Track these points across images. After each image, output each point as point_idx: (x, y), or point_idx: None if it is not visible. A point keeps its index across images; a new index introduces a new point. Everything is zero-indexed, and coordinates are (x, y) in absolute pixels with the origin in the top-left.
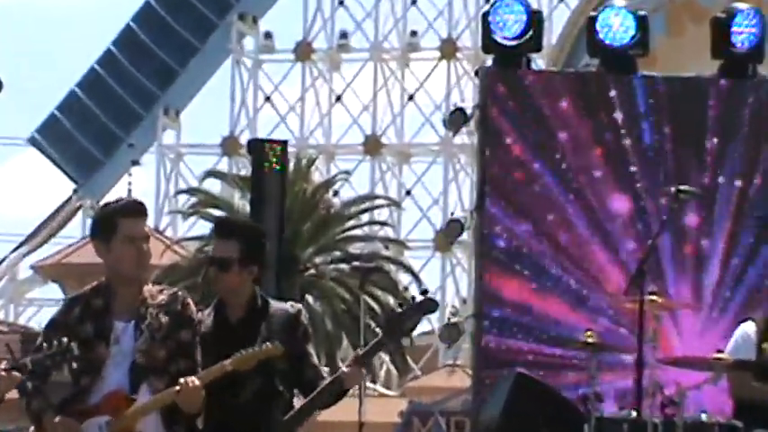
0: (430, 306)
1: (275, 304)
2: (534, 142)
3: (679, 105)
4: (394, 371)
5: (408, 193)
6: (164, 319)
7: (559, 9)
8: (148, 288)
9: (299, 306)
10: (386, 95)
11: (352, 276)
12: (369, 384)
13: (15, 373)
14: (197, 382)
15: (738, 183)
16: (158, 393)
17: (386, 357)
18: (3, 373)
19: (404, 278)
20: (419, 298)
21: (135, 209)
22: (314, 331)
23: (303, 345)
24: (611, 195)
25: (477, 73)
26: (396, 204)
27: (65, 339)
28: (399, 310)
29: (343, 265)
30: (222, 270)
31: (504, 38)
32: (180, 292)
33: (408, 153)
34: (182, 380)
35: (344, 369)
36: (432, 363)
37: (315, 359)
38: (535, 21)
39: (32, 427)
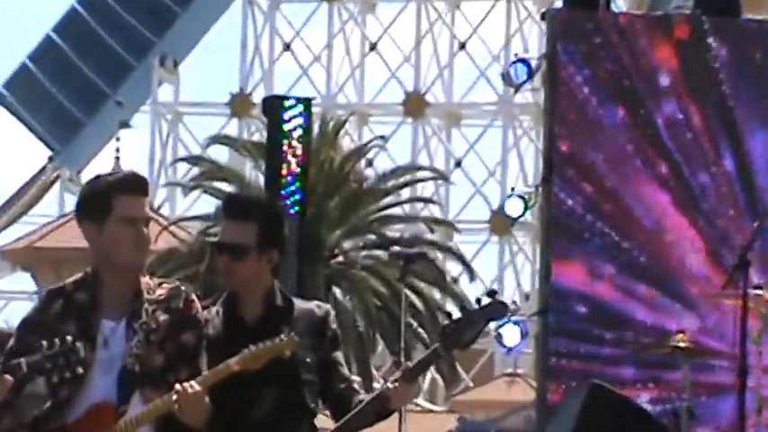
0: (498, 311)
1: (299, 304)
2: (613, 99)
3: None
4: (440, 381)
5: (458, 164)
6: (162, 317)
7: None
8: (145, 280)
9: (327, 307)
10: (431, 44)
11: (389, 265)
12: None
13: (7, 377)
14: (198, 388)
15: None
16: (153, 404)
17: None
18: None
19: (453, 268)
20: (485, 300)
21: (135, 184)
22: (343, 332)
23: (331, 352)
24: (706, 160)
25: (544, 16)
26: (443, 177)
27: (69, 338)
28: (460, 315)
29: (379, 252)
30: (236, 258)
31: None
32: (183, 287)
33: (458, 114)
34: (178, 386)
35: (390, 385)
36: (487, 371)
37: (346, 370)
38: None
39: None
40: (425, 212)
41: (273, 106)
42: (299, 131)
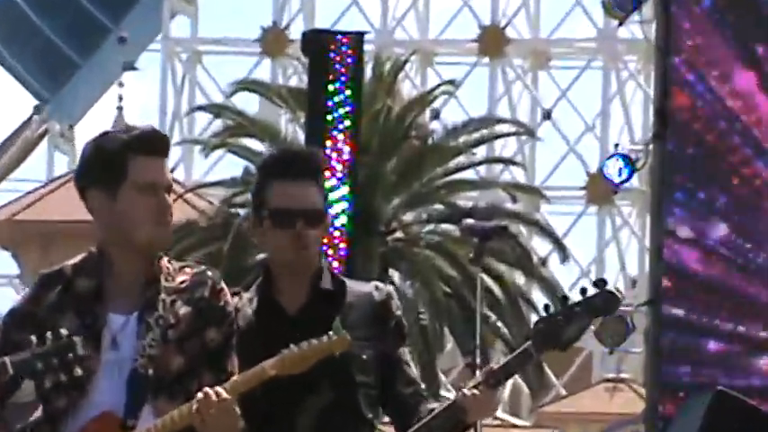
0: (609, 305)
1: (353, 287)
2: (740, 34)
3: None
4: (525, 388)
5: (547, 115)
6: (183, 310)
7: None
8: (163, 263)
9: (390, 289)
10: None
11: (460, 243)
12: None
13: None
14: (225, 396)
15: None
16: (167, 414)
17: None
18: None
19: (540, 245)
20: (591, 291)
21: (155, 143)
22: None
23: (396, 347)
24: None
25: None
26: (528, 133)
27: (63, 331)
28: (559, 308)
29: (447, 226)
30: (312, 226)
31: None
32: (210, 272)
33: (547, 53)
34: (202, 392)
35: (467, 391)
36: (583, 376)
37: (413, 370)
38: None
39: None
40: (506, 176)
41: (316, 43)
42: (348, 75)
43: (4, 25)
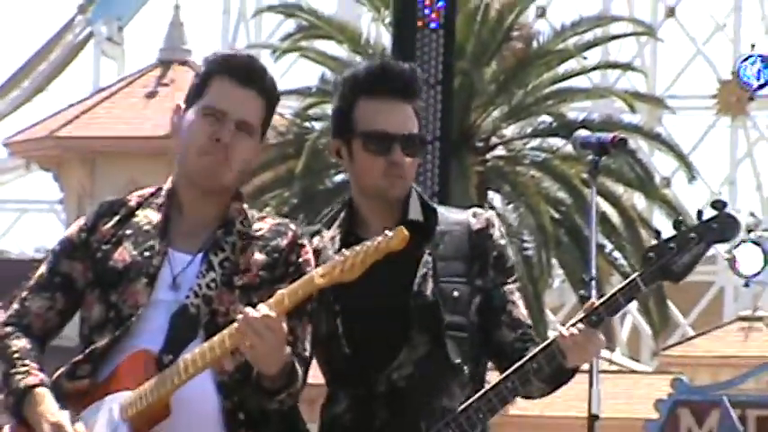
0: (728, 230)
1: (447, 214)
2: None
3: None
4: (646, 328)
5: (672, 12)
6: (257, 257)
7: None
8: (240, 207)
9: (490, 214)
10: None
11: (571, 160)
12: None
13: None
14: (271, 312)
15: None
16: (209, 341)
17: (631, 306)
18: None
19: (663, 162)
20: (708, 213)
21: (241, 67)
22: None
23: (501, 282)
24: None
25: None
26: (649, 33)
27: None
28: (671, 235)
29: (556, 140)
30: (410, 152)
31: None
32: (293, 225)
33: None
34: (241, 311)
35: (565, 332)
36: (713, 314)
37: (522, 311)
38: None
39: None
40: (623, 84)
41: None
42: None
43: None
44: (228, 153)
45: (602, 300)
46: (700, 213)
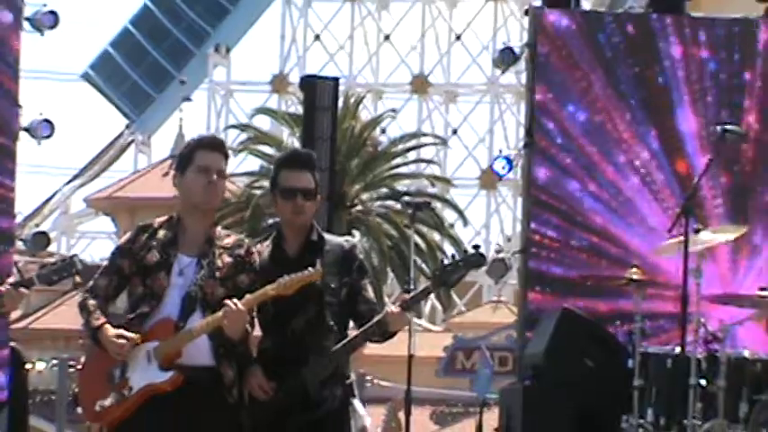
0: (479, 261)
1: (331, 239)
2: (582, 82)
3: (723, 44)
4: (439, 307)
5: (455, 131)
6: (227, 260)
7: None
8: (217, 229)
9: (355, 240)
10: (434, 35)
11: (398, 213)
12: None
13: (23, 289)
14: (241, 307)
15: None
16: (206, 318)
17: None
18: (9, 287)
19: (449, 215)
20: (470, 251)
21: (211, 142)
22: None
23: (358, 279)
24: (652, 133)
25: (527, 12)
26: (442, 142)
27: (68, 254)
28: (448, 261)
29: (390, 202)
30: (307, 198)
31: None
32: (247, 240)
33: (455, 92)
34: (226, 303)
35: (389, 310)
36: (476, 299)
37: (370, 293)
38: None
39: (87, 352)
40: (428, 171)
41: (310, 84)
42: (331, 104)
43: (106, 71)
44: (216, 187)
45: (409, 296)
46: (465, 251)
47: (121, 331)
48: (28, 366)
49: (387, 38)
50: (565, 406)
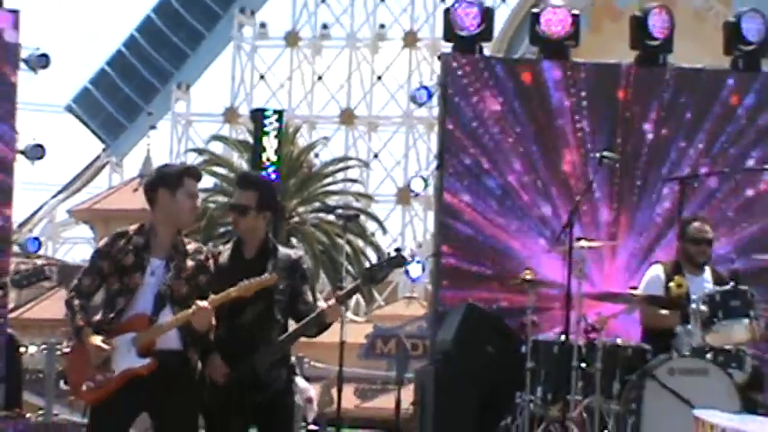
0: (401, 262)
1: (282, 249)
2: (485, 116)
3: (593, 86)
4: (362, 301)
5: (376, 156)
6: (190, 263)
7: (501, 7)
8: (181, 237)
9: (302, 253)
10: (359, 76)
11: (328, 223)
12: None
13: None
14: (207, 306)
15: (645, 149)
16: (176, 315)
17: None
18: None
19: (371, 225)
20: (393, 254)
21: (196, 172)
22: None
23: (300, 284)
24: (543, 163)
25: (440, 57)
26: (365, 165)
27: (39, 262)
28: (375, 263)
29: (322, 214)
30: (241, 215)
31: (462, 29)
32: (205, 247)
33: (376, 123)
34: (195, 304)
35: (326, 305)
36: (393, 295)
37: (309, 296)
38: (487, 16)
39: (70, 342)
40: (353, 188)
41: (259, 115)
42: (275, 132)
43: (86, 104)
44: (196, 210)
45: (342, 292)
46: (389, 254)
47: (99, 342)
48: (21, 350)
49: (320, 78)
50: (469, 384)
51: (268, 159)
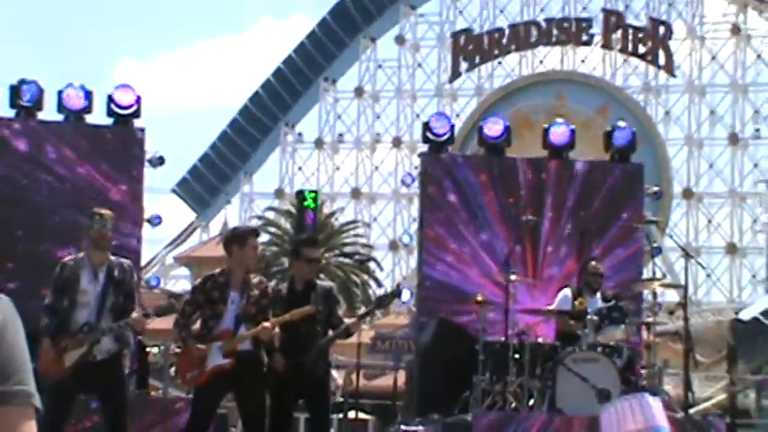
0: (398, 293)
1: (320, 282)
2: (451, 195)
3: (525, 177)
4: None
5: (375, 219)
6: (255, 292)
7: (456, 120)
8: (249, 276)
9: (332, 284)
10: (362, 167)
11: (344, 264)
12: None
13: (145, 318)
14: (268, 326)
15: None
16: (249, 330)
17: (362, 307)
18: (139, 315)
19: (372, 265)
20: (393, 288)
21: (257, 233)
22: None
23: (334, 306)
24: (494, 228)
25: (420, 155)
26: (368, 226)
27: (171, 299)
28: (383, 294)
29: (340, 258)
30: (315, 264)
31: (435, 135)
32: (264, 279)
33: (375, 198)
34: (264, 324)
35: (350, 321)
36: (388, 309)
37: (340, 314)
38: (451, 128)
39: (177, 348)
40: (361, 241)
41: (301, 193)
42: (313, 207)
43: (184, 188)
44: (256, 258)
45: (361, 313)
46: (393, 290)
47: (199, 347)
48: (147, 350)
49: (337, 168)
50: (442, 370)
51: (310, 224)
